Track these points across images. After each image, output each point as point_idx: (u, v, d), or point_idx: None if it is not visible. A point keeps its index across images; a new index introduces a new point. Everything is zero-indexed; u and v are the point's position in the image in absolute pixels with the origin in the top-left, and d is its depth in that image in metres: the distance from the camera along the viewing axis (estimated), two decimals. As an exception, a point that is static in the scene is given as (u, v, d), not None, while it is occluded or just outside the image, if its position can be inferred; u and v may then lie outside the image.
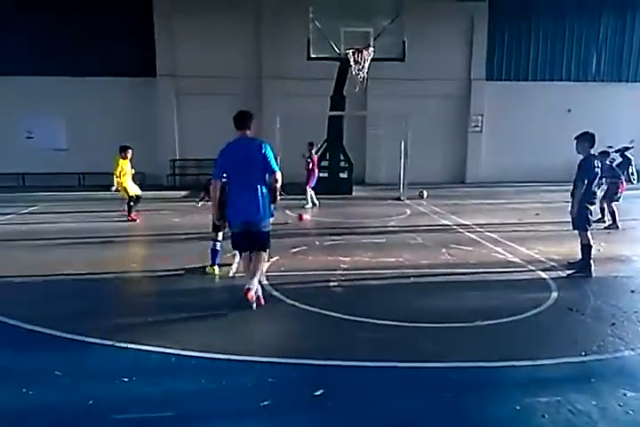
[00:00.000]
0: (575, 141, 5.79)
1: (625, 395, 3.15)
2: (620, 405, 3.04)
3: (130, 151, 9.00)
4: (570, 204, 5.90)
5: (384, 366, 3.53)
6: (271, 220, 4.71)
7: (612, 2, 15.74)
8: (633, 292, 5.22)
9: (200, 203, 6.65)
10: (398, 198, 12.14)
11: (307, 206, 10.88)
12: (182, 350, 3.73)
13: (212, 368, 3.52)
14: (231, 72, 14.97)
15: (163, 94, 15.15)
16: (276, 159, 4.65)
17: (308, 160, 11.20)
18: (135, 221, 9.09)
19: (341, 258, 6.45)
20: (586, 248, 5.79)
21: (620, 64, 16.63)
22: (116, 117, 15.03)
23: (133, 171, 9.22)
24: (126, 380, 3.28)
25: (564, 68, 16.52)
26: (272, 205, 4.67)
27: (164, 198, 12.15)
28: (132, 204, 9.13)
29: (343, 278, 5.60)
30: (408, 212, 10.48)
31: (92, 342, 3.85)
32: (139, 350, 3.76)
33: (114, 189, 9.13)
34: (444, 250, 6.96)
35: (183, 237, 7.76)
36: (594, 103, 15.97)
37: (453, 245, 7.22)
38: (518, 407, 3.01)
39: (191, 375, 3.39)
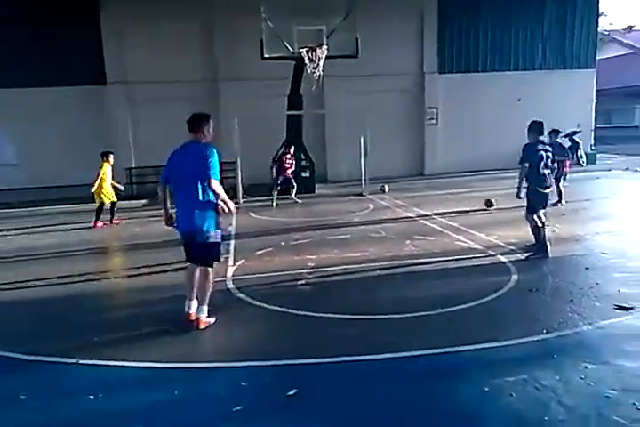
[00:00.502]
0: (527, 131, 6.02)
1: (586, 368, 3.29)
2: (581, 377, 3.18)
3: (112, 156, 9.47)
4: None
5: (355, 360, 3.56)
6: (219, 232, 4.31)
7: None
8: (587, 269, 5.45)
9: None
10: (361, 194, 12.25)
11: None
12: (151, 362, 3.64)
13: (182, 378, 3.47)
14: (185, 76, 14.71)
15: (115, 102, 14.75)
16: (221, 165, 4.34)
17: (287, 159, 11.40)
18: (117, 224, 9.52)
19: (308, 256, 6.46)
20: (535, 230, 6.01)
21: (563, 52, 17.26)
22: (67, 129, 14.53)
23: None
24: (92, 397, 3.18)
25: (512, 58, 17.02)
26: (217, 216, 4.28)
27: (122, 208, 11.82)
28: (115, 209, 9.61)
29: (310, 277, 5.61)
30: (371, 206, 10.59)
31: (54, 362, 3.71)
32: (105, 366, 3.66)
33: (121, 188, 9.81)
34: (407, 241, 7.08)
35: (144, 247, 7.59)
36: (541, 91, 16.52)
37: (417, 236, 7.35)
38: (487, 389, 3.10)
39: (161, 387, 3.33)
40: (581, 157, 16.66)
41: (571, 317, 4.15)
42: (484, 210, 9.38)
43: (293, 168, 11.65)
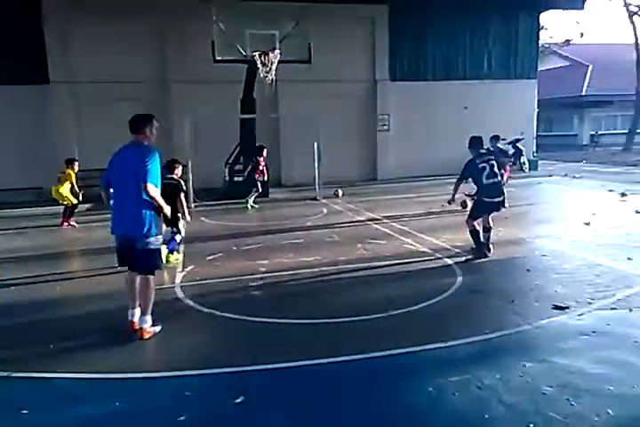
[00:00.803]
0: (468, 148, 6.39)
1: (524, 366, 3.43)
2: (520, 375, 3.31)
3: (77, 163, 9.96)
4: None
5: (303, 365, 3.55)
6: (159, 237, 4.17)
7: (499, 8, 16.99)
8: (529, 271, 5.70)
9: None
10: (314, 198, 12.30)
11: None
12: (92, 373, 3.50)
13: (124, 389, 3.34)
14: (135, 76, 14.24)
15: (58, 102, 14.07)
16: (162, 169, 4.21)
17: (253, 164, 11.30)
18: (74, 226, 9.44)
19: (260, 262, 6.41)
20: (472, 234, 6.31)
21: (508, 63, 18.04)
22: (7, 129, 13.77)
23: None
24: (25, 412, 3.02)
25: (460, 68, 17.62)
26: (155, 221, 4.11)
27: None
28: (75, 210, 9.70)
29: (262, 282, 5.57)
30: (324, 211, 10.65)
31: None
32: (41, 378, 3.48)
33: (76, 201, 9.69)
34: (359, 245, 7.16)
35: (85, 253, 7.30)
36: (487, 100, 17.17)
37: (368, 240, 7.45)
38: (431, 389, 3.17)
39: (102, 399, 3.20)
40: (524, 163, 17.45)
41: (512, 317, 4.32)
42: (429, 214, 9.64)
43: (262, 173, 11.46)
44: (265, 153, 11.37)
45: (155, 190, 4.02)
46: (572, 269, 5.61)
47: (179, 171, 6.60)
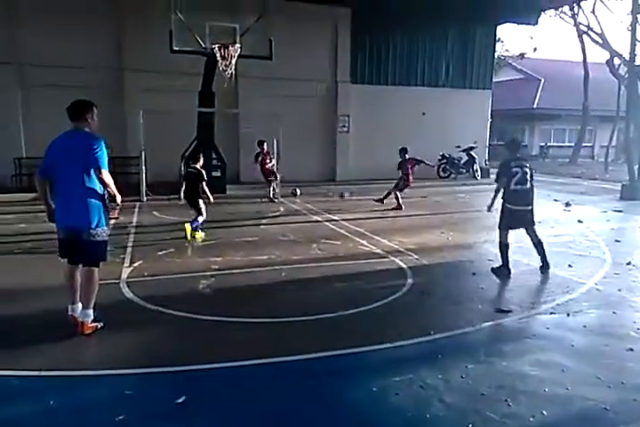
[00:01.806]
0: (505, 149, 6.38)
1: (466, 367, 3.52)
2: (462, 376, 3.39)
3: None
4: None
5: (249, 365, 3.51)
6: (106, 228, 4.04)
7: (458, 17, 17.40)
8: (474, 274, 5.88)
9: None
10: (272, 196, 12.21)
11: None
12: (25, 370, 3.32)
13: (61, 387, 3.21)
14: (87, 62, 13.65)
15: (2, 85, 13.34)
16: (110, 160, 4.04)
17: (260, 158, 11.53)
18: None
19: (212, 259, 6.30)
20: (500, 247, 5.95)
21: (465, 72, 18.58)
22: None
23: None
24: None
25: (419, 74, 18.00)
26: (103, 212, 3.97)
27: (8, 202, 10.76)
28: None
29: (214, 279, 5.47)
30: (281, 209, 10.61)
31: None
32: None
33: None
34: (314, 245, 7.17)
35: (29, 244, 6.95)
36: (444, 107, 17.64)
37: (323, 240, 7.47)
38: (375, 389, 3.21)
39: (37, 397, 3.05)
40: (477, 170, 18.04)
41: (456, 319, 4.45)
42: (384, 217, 9.78)
43: (270, 165, 11.73)
44: (265, 146, 11.69)
45: (109, 177, 3.90)
46: (516, 275, 5.83)
47: (201, 162, 7.69)
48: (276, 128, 12.22)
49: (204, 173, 7.60)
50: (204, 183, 7.49)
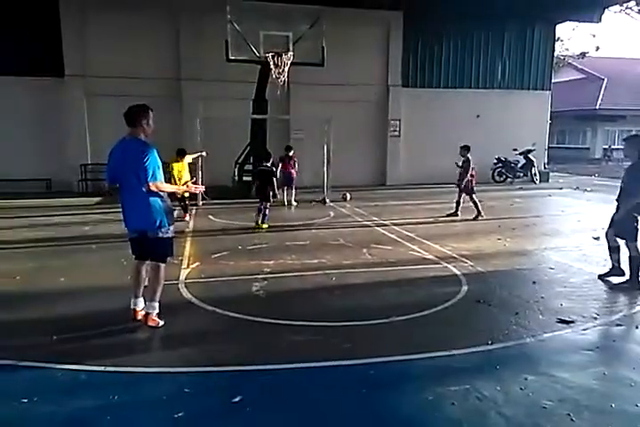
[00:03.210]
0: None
1: (526, 379, 3.39)
2: (521, 388, 3.27)
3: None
4: None
5: (303, 368, 3.55)
6: (170, 227, 4.20)
7: (515, 17, 16.94)
8: (534, 283, 5.64)
9: None
10: (322, 201, 12.29)
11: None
12: (91, 366, 3.51)
13: (124, 383, 3.35)
14: (148, 73, 14.36)
15: (71, 95, 14.19)
16: (165, 165, 4.24)
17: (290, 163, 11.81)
18: None
19: (264, 262, 6.40)
20: (633, 261, 5.42)
21: (522, 73, 17.96)
22: (19, 120, 13.91)
23: None
24: (25, 401, 3.04)
25: (473, 76, 17.59)
26: (166, 211, 4.13)
27: (75, 205, 11.42)
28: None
29: (266, 282, 5.56)
30: (332, 214, 10.64)
31: (-12, 363, 3.53)
32: (42, 368, 3.50)
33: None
34: (364, 250, 7.14)
35: (94, 246, 7.34)
36: (500, 109, 17.13)
37: (374, 245, 7.43)
38: (430, 397, 3.15)
39: (101, 392, 3.21)
40: (535, 174, 17.34)
41: (515, 329, 4.28)
42: (436, 222, 9.60)
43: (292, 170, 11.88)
44: (292, 152, 11.86)
45: (161, 186, 4.07)
46: (579, 284, 5.56)
47: (271, 160, 9.00)
48: (326, 133, 12.30)
49: (274, 169, 8.95)
50: (274, 179, 8.76)
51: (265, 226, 8.74)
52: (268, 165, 8.87)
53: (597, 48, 38.91)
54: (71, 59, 14.17)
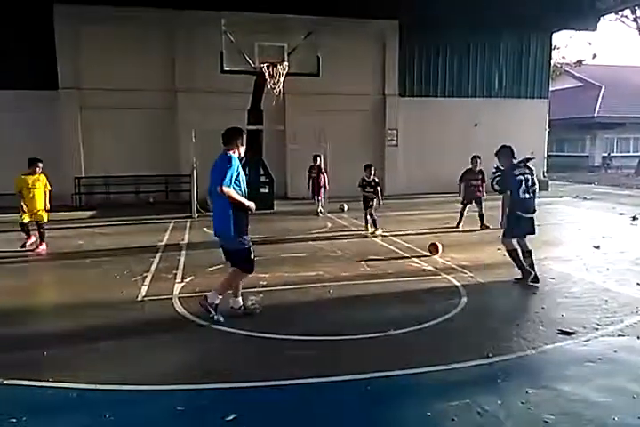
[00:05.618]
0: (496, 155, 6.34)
1: (527, 392, 3.30)
2: (522, 402, 3.19)
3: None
4: None
5: (300, 384, 3.46)
6: (245, 238, 4.62)
7: (511, 26, 17.01)
8: (535, 294, 5.57)
9: None
10: (320, 212, 12.23)
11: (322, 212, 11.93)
12: (84, 383, 3.43)
13: (116, 401, 3.27)
14: (142, 85, 14.35)
15: (65, 108, 14.14)
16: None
17: (313, 172, 11.87)
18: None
19: (261, 275, 6.30)
20: (511, 254, 6.02)
21: (519, 82, 18.02)
22: (13, 133, 13.86)
23: None
24: (14, 420, 2.95)
25: (470, 84, 17.65)
26: (239, 222, 4.52)
27: (69, 219, 11.34)
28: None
29: (262, 296, 5.48)
30: (329, 225, 10.57)
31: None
32: (32, 386, 3.41)
33: None
34: (362, 262, 7.06)
35: (88, 260, 7.26)
36: (497, 118, 17.13)
37: (372, 257, 7.35)
38: (430, 413, 3.06)
39: (92, 410, 3.13)
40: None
41: (515, 341, 4.20)
42: (435, 232, 9.53)
43: (322, 181, 12.00)
44: (318, 161, 11.94)
45: (229, 191, 4.38)
46: (580, 294, 5.48)
47: (372, 171, 9.58)
48: (323, 143, 12.29)
49: (377, 180, 9.67)
50: (378, 188, 9.56)
51: (378, 233, 9.36)
52: (371, 176, 9.51)
53: (594, 56, 39.24)
54: (65, 72, 14.17)
